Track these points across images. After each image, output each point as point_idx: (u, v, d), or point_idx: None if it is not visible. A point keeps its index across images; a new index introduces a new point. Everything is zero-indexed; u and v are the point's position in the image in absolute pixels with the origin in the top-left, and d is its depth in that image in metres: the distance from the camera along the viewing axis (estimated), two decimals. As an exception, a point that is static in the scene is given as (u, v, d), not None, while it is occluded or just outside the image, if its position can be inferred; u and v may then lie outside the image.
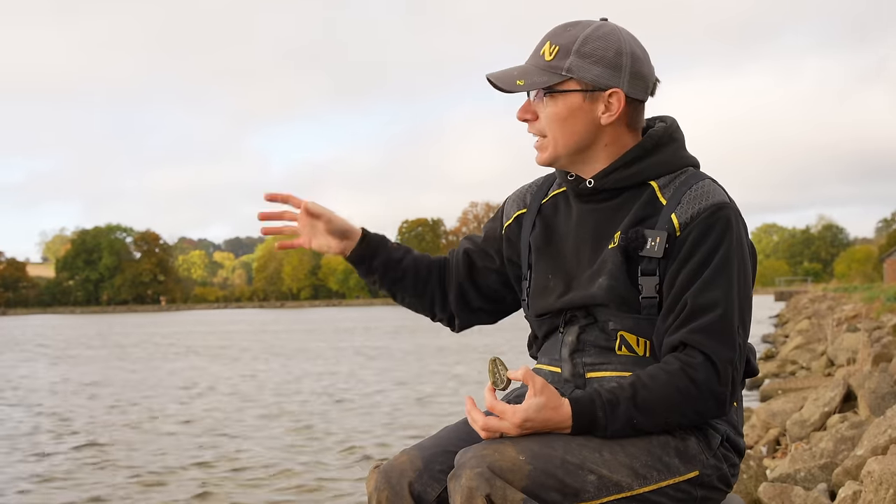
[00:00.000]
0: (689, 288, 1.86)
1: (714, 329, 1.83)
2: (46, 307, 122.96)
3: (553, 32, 1.97)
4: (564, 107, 1.95)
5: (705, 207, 1.90)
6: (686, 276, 1.87)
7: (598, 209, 2.00)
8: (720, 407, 1.85)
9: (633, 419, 1.80)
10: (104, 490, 6.63)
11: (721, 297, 1.85)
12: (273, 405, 11.67)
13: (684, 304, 1.86)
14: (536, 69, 1.96)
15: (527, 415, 1.77)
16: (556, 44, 1.95)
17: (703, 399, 1.82)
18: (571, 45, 1.94)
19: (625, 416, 1.80)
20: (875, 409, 5.34)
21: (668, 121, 2.06)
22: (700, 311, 1.84)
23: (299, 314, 73.49)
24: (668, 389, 1.80)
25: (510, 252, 2.16)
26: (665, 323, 1.88)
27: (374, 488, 1.88)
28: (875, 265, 77.59)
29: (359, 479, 6.75)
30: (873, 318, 16.54)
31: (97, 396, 13.25)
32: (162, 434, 9.40)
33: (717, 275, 1.86)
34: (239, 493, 6.46)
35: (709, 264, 1.86)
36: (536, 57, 1.97)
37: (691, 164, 2.02)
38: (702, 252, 1.87)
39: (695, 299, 1.85)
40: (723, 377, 1.82)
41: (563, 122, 1.96)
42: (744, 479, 3.84)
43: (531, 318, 2.09)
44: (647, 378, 1.82)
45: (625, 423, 1.80)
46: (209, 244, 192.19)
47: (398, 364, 18.07)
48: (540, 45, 1.97)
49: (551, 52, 1.94)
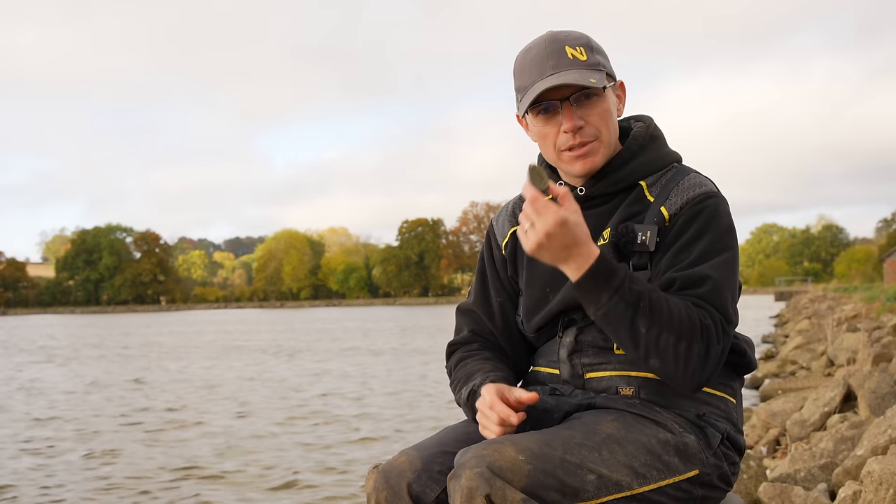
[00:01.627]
0: (679, 265, 1.86)
1: (707, 295, 1.82)
2: (46, 307, 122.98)
3: (563, 37, 1.94)
4: (609, 103, 1.96)
5: (693, 196, 1.91)
6: (673, 256, 1.87)
7: (591, 215, 1.99)
8: (708, 359, 1.80)
9: (642, 302, 1.76)
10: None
11: (712, 273, 1.84)
12: (294, 406, 11.67)
13: (672, 279, 1.85)
14: (587, 69, 1.91)
15: (567, 216, 1.72)
16: (578, 45, 1.93)
17: (700, 340, 1.79)
18: (589, 43, 1.95)
19: (637, 294, 1.77)
20: (875, 409, 5.34)
21: (647, 120, 2.08)
22: (692, 283, 1.84)
23: (302, 313, 73.51)
24: (680, 309, 1.78)
25: (511, 271, 2.14)
26: None
27: (372, 489, 1.88)
28: (875, 265, 77.58)
29: (358, 480, 6.74)
30: (873, 318, 16.53)
31: (149, 395, 13.26)
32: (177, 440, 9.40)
33: (706, 254, 1.86)
34: (235, 492, 6.46)
35: (696, 246, 1.87)
36: (570, 62, 1.91)
37: (675, 160, 2.04)
38: (690, 234, 1.88)
39: (684, 274, 1.84)
40: (720, 332, 1.81)
41: (610, 118, 1.96)
42: (744, 479, 3.84)
43: (532, 329, 2.07)
44: (664, 293, 1.81)
45: (634, 300, 1.76)
46: (209, 244, 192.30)
47: (398, 364, 18.06)
48: (559, 53, 1.91)
49: (582, 53, 1.92)
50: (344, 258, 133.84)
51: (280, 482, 6.79)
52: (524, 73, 1.95)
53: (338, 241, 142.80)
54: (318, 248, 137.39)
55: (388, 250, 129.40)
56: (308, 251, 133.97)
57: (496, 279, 2.15)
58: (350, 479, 6.85)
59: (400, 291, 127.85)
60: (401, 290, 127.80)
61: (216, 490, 6.57)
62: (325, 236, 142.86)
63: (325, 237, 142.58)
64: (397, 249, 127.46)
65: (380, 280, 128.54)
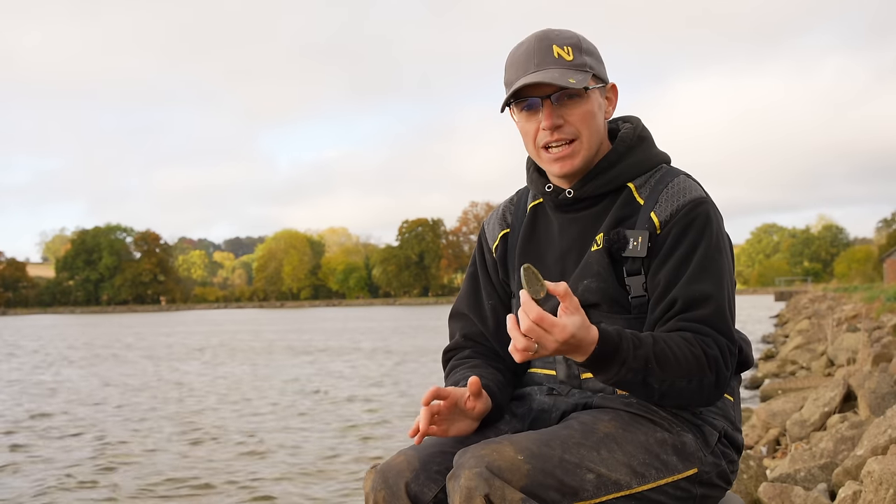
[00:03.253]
0: (677, 282, 1.87)
1: (710, 319, 1.85)
2: (46, 307, 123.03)
3: (553, 36, 1.94)
4: (593, 105, 1.96)
5: (683, 203, 1.91)
6: (672, 271, 1.88)
7: (579, 217, 2.00)
8: (719, 388, 1.85)
9: (649, 364, 1.78)
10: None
11: (711, 289, 1.86)
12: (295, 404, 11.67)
13: (674, 298, 1.86)
14: (570, 69, 1.91)
15: (575, 330, 1.70)
16: (566, 45, 1.93)
17: (709, 373, 1.82)
18: (579, 43, 1.94)
19: (644, 358, 1.78)
20: (875, 409, 5.33)
21: (634, 121, 2.08)
22: (693, 303, 1.85)
23: (304, 313, 73.53)
24: (685, 351, 1.81)
25: (502, 274, 2.14)
26: (654, 315, 1.89)
27: (371, 488, 1.88)
28: (875, 265, 77.57)
29: (356, 479, 6.74)
30: (873, 318, 16.54)
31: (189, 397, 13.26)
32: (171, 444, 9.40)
33: (703, 268, 1.87)
34: (235, 487, 6.45)
35: (693, 258, 1.88)
36: (555, 60, 1.91)
37: (664, 160, 2.04)
38: (685, 247, 1.89)
39: (686, 293, 1.86)
40: (726, 359, 1.85)
41: (592, 119, 1.95)
42: (744, 479, 3.83)
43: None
44: (665, 336, 1.82)
45: (642, 365, 1.78)
46: (209, 244, 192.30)
47: (397, 364, 18.06)
48: (545, 51, 1.92)
49: (569, 53, 1.92)
50: (344, 258, 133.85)
51: (279, 481, 6.79)
52: (511, 69, 1.97)
53: (338, 241, 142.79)
54: (318, 248, 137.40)
55: (388, 250, 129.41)
56: (308, 251, 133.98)
57: (488, 282, 2.16)
58: (349, 478, 6.84)
59: (400, 291, 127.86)
60: (401, 290, 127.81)
61: (215, 487, 6.57)
62: (325, 236, 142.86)
63: (325, 237, 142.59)
64: (397, 249, 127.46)
65: (380, 280, 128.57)
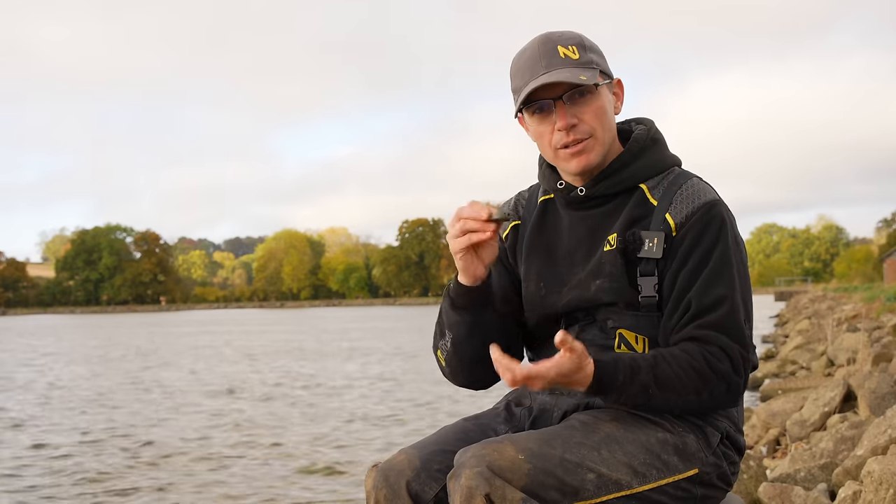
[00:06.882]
0: (692, 287, 1.88)
1: (724, 324, 1.85)
2: (46, 307, 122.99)
3: (556, 38, 1.95)
4: (604, 100, 1.97)
5: (699, 206, 1.92)
6: (688, 275, 1.89)
7: (590, 215, 2.01)
8: (732, 395, 1.87)
9: (649, 389, 1.80)
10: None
11: (726, 293, 1.87)
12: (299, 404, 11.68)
13: (689, 303, 1.87)
14: (579, 68, 1.92)
15: (558, 377, 1.71)
16: (570, 44, 1.94)
17: (718, 384, 1.83)
18: (582, 42, 1.96)
19: (642, 385, 1.80)
20: (875, 409, 5.33)
21: (648, 123, 2.09)
22: (707, 308, 1.86)
23: (305, 314, 73.51)
24: (687, 369, 1.81)
25: (512, 261, 2.15)
26: (670, 322, 1.90)
27: (372, 487, 1.88)
28: (875, 265, 77.54)
29: (357, 478, 6.74)
30: (873, 318, 16.53)
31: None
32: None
33: (718, 272, 1.88)
34: (235, 484, 6.46)
35: (709, 262, 1.89)
36: (562, 61, 1.92)
37: (675, 163, 2.06)
38: (700, 251, 1.90)
39: (700, 298, 1.87)
40: (737, 367, 1.85)
41: (605, 115, 1.97)
42: (744, 479, 3.84)
43: (531, 323, 2.09)
44: (667, 354, 1.83)
45: (640, 391, 1.80)
46: (209, 244, 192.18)
47: (397, 364, 18.07)
48: (551, 53, 1.92)
49: (574, 52, 1.93)
50: (344, 258, 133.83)
51: (279, 481, 6.79)
52: (519, 75, 1.97)
53: (338, 241, 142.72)
54: (318, 248, 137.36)
55: (389, 250, 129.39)
56: (308, 251, 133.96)
57: (499, 265, 2.15)
58: (349, 478, 6.84)
59: (400, 291, 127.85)
60: (401, 291, 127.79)
61: (213, 482, 6.57)
62: (325, 236, 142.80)
63: (325, 237, 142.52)
64: (397, 249, 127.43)
65: (380, 280, 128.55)
